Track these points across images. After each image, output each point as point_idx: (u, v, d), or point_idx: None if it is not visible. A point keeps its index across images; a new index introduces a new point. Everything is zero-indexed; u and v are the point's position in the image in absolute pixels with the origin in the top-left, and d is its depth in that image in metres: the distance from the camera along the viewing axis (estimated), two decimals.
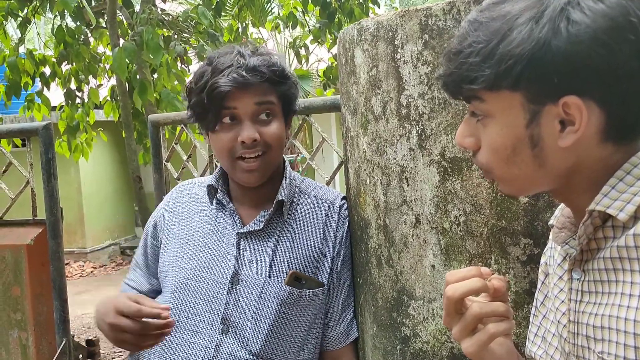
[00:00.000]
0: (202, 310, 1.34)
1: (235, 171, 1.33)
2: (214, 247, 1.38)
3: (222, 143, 1.31)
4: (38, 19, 5.66)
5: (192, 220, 1.44)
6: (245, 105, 1.29)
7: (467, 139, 0.83)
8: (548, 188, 0.83)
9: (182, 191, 1.51)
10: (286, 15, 6.11)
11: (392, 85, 1.40)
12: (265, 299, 1.33)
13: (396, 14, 1.39)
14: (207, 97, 1.27)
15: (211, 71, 1.29)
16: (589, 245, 0.80)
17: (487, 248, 1.33)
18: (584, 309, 0.80)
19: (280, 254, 1.38)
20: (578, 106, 0.73)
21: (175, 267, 1.40)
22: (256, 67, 1.30)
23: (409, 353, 1.46)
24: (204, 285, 1.35)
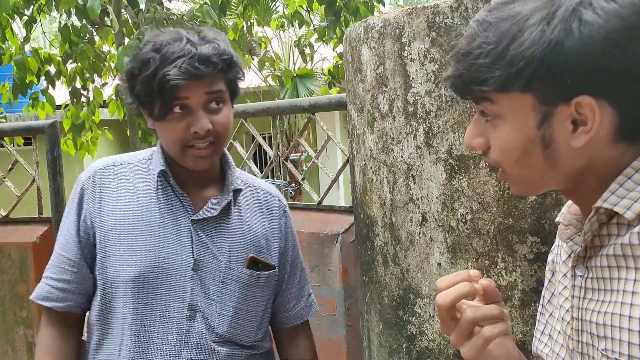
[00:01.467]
0: (168, 299, 1.34)
1: (185, 158, 1.32)
2: (168, 235, 1.36)
3: (173, 133, 1.30)
4: (43, 17, 5.68)
5: (131, 208, 1.36)
6: (197, 96, 1.29)
7: (476, 139, 0.82)
8: (558, 188, 0.83)
9: (104, 176, 1.39)
10: (291, 14, 6.11)
11: (399, 82, 1.40)
12: (228, 283, 1.38)
13: (403, 11, 1.38)
14: (158, 87, 1.26)
15: (160, 60, 1.26)
16: (593, 242, 0.80)
17: (494, 246, 1.32)
18: (587, 306, 0.79)
19: (237, 239, 1.41)
20: (591, 106, 0.72)
21: (129, 260, 1.34)
22: (208, 57, 1.28)
23: (415, 351, 1.46)
24: (166, 274, 1.34)
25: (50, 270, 1.39)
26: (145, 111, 1.34)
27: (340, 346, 1.93)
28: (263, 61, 6.25)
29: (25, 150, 4.41)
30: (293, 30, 7.16)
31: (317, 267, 1.96)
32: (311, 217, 2.02)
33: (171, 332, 1.34)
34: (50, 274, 1.38)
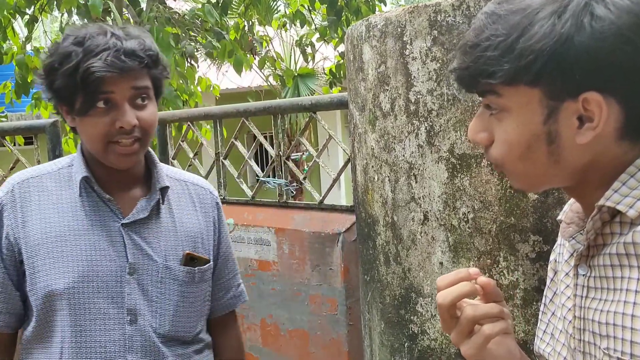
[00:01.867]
0: (106, 307, 1.32)
1: (109, 155, 1.29)
2: (99, 242, 1.32)
3: (96, 128, 1.26)
4: (45, 17, 5.68)
5: (57, 219, 1.32)
6: (122, 90, 1.26)
7: (480, 134, 0.81)
8: (561, 185, 0.82)
9: (24, 189, 1.34)
10: (292, 14, 6.11)
11: (401, 81, 1.40)
12: (166, 283, 1.37)
13: (405, 10, 1.38)
14: (82, 80, 1.22)
15: (83, 53, 1.23)
16: (595, 240, 0.80)
17: (496, 245, 1.32)
18: (590, 304, 0.79)
19: (171, 237, 1.40)
20: (598, 102, 0.72)
21: (60, 272, 1.30)
22: (134, 51, 1.26)
23: (416, 350, 1.45)
24: (101, 282, 1.32)
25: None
26: (65, 107, 1.30)
27: (341, 345, 1.92)
28: (263, 60, 6.25)
29: (26, 149, 4.41)
30: (294, 29, 7.16)
31: (318, 267, 1.95)
32: (312, 217, 2.02)
33: (113, 339, 1.32)
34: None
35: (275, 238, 2.08)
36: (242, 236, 2.20)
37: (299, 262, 2.01)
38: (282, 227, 2.07)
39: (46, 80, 1.28)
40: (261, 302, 2.16)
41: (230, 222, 2.24)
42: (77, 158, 1.36)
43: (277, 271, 2.09)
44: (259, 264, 2.15)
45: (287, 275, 2.05)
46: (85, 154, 1.35)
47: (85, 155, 1.35)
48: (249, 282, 2.20)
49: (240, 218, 2.23)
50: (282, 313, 2.09)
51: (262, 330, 2.17)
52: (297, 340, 2.05)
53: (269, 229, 2.11)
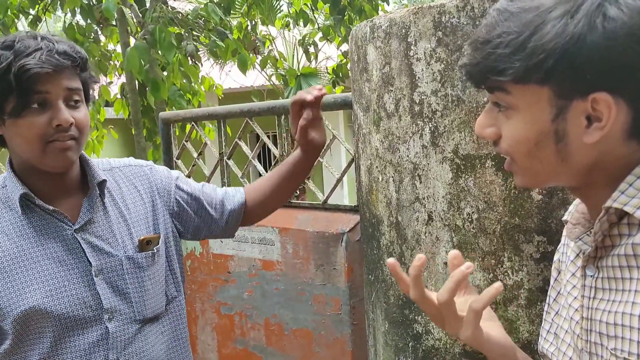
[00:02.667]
0: (83, 313, 1.32)
1: (47, 155, 1.27)
2: (57, 255, 1.31)
3: (33, 129, 1.24)
4: (49, 16, 5.69)
5: (8, 243, 1.29)
6: (57, 90, 1.25)
7: (487, 129, 0.82)
8: (566, 183, 0.83)
9: None
10: (296, 13, 6.11)
11: (405, 82, 1.40)
12: (131, 273, 1.39)
13: (409, 11, 1.38)
14: (16, 80, 1.20)
15: (14, 54, 1.21)
16: (603, 242, 0.80)
17: (500, 245, 1.32)
18: (597, 305, 0.79)
19: (122, 229, 1.40)
20: (607, 103, 0.72)
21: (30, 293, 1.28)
22: (66, 51, 1.26)
23: (421, 350, 1.46)
24: (73, 291, 1.31)
25: None
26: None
27: (345, 345, 1.93)
28: (265, 60, 6.25)
29: None
30: (297, 29, 7.16)
31: (322, 266, 1.96)
32: (316, 216, 2.03)
33: (94, 341, 1.33)
34: None
35: (279, 238, 2.09)
36: (246, 236, 2.21)
37: (302, 261, 2.01)
38: (286, 227, 2.07)
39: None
40: (265, 301, 2.17)
41: None
42: (8, 177, 1.32)
43: (281, 271, 2.09)
44: (262, 263, 2.15)
45: (291, 275, 2.06)
46: (17, 168, 1.32)
47: (17, 170, 1.32)
48: (253, 281, 2.20)
49: None
50: (286, 312, 2.09)
51: (266, 330, 2.17)
52: (301, 340, 2.06)
53: (272, 228, 2.11)
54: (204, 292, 2.40)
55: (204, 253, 2.38)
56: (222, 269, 2.31)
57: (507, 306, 1.34)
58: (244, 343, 2.27)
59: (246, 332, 2.25)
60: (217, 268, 2.33)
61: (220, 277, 2.32)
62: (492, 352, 0.91)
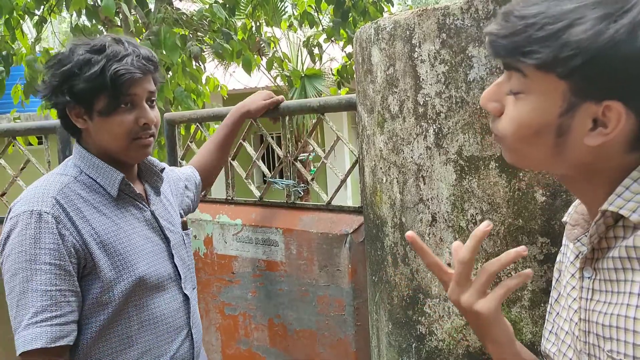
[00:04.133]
0: (167, 283, 1.49)
1: (130, 150, 1.43)
2: (142, 232, 1.47)
3: (122, 126, 1.40)
4: (54, 17, 5.71)
5: (106, 221, 1.41)
6: (142, 92, 1.41)
7: (492, 103, 0.80)
8: (555, 173, 0.83)
9: (67, 198, 1.38)
10: (300, 14, 6.12)
11: (409, 84, 1.41)
12: (187, 247, 1.61)
13: (413, 13, 1.39)
14: (111, 82, 1.35)
15: (106, 58, 1.36)
16: (600, 244, 0.80)
17: (504, 247, 1.33)
18: (595, 307, 0.80)
19: (171, 210, 1.61)
20: (619, 112, 0.71)
21: (136, 264, 1.42)
22: (149, 57, 1.43)
23: (424, 351, 1.46)
24: (160, 265, 1.48)
25: (49, 312, 1.29)
26: (81, 110, 1.39)
27: (348, 346, 1.93)
28: (271, 61, 6.27)
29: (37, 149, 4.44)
30: (302, 30, 7.17)
31: (325, 267, 1.96)
32: (320, 217, 2.03)
33: (177, 308, 1.50)
34: (51, 314, 1.29)
35: (283, 239, 2.09)
36: (250, 237, 2.21)
37: (306, 262, 2.01)
38: (289, 228, 2.07)
39: (63, 86, 1.38)
40: (269, 302, 2.17)
41: (238, 222, 2.25)
42: (87, 163, 1.45)
43: (284, 272, 2.09)
44: (266, 264, 2.16)
45: (294, 275, 2.06)
46: (97, 156, 1.44)
47: (90, 157, 1.44)
48: (257, 282, 2.20)
49: (248, 218, 2.24)
50: (289, 313, 2.10)
51: (270, 331, 2.18)
52: (305, 341, 2.06)
53: (276, 229, 2.11)
54: (207, 293, 2.40)
55: (208, 254, 2.38)
56: (226, 270, 2.31)
57: (511, 307, 1.34)
58: (247, 343, 2.27)
59: (250, 333, 2.25)
60: (221, 268, 2.33)
61: (224, 278, 2.32)
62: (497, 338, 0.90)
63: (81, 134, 1.45)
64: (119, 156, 1.44)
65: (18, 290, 1.29)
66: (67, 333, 1.30)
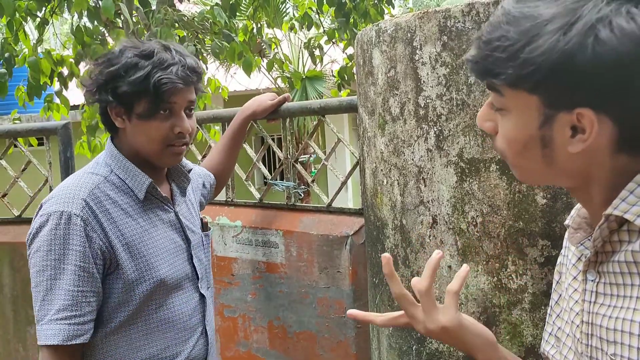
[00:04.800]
0: (185, 283, 1.53)
1: (163, 156, 1.47)
2: (166, 234, 1.51)
3: (159, 131, 1.43)
4: (56, 19, 5.72)
5: (133, 223, 1.45)
6: (182, 101, 1.44)
7: (486, 122, 0.86)
8: (561, 185, 0.86)
9: (96, 200, 1.42)
10: (301, 16, 6.13)
11: (410, 86, 1.41)
12: (206, 248, 1.63)
13: (415, 15, 1.39)
14: (154, 89, 1.38)
15: (153, 65, 1.39)
16: (603, 247, 0.80)
17: (504, 249, 1.33)
18: (598, 310, 0.80)
19: (193, 211, 1.64)
20: (590, 119, 0.74)
21: (159, 265, 1.46)
22: (194, 68, 1.45)
23: (424, 353, 1.46)
24: (181, 266, 1.51)
25: (69, 311, 1.35)
26: (120, 110, 1.43)
27: (349, 348, 1.93)
28: (271, 63, 6.27)
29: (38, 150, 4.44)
30: (303, 32, 7.17)
31: (326, 269, 1.96)
32: (321, 219, 2.03)
33: (192, 308, 1.54)
34: (71, 313, 1.35)
35: (283, 240, 2.09)
36: (250, 238, 2.21)
37: (307, 264, 2.01)
38: (290, 230, 2.07)
39: (108, 85, 1.42)
40: (269, 304, 2.17)
41: (238, 224, 2.25)
42: (118, 164, 1.48)
43: (284, 273, 2.09)
44: (266, 266, 2.15)
45: (294, 277, 2.06)
46: (129, 156, 1.47)
47: (128, 158, 1.47)
48: (257, 284, 2.20)
49: (248, 220, 2.24)
50: (289, 315, 2.09)
51: (270, 333, 2.17)
52: (305, 343, 2.06)
53: (276, 231, 2.11)
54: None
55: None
56: (226, 272, 2.31)
57: (511, 310, 1.34)
58: (247, 346, 2.27)
59: (249, 335, 2.25)
60: (221, 270, 2.33)
61: (223, 280, 2.32)
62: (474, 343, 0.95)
63: (117, 132, 1.49)
64: (151, 159, 1.48)
65: (44, 287, 1.37)
66: (83, 332, 1.37)
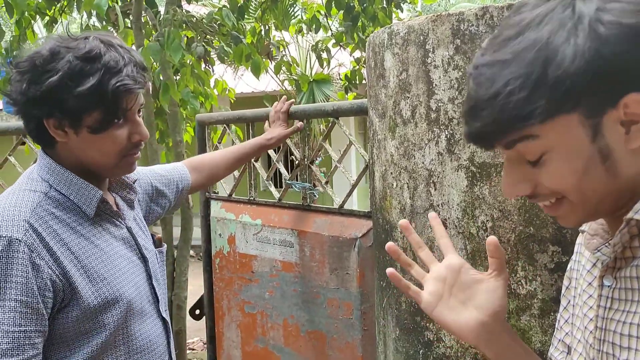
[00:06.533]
0: (147, 307, 1.38)
1: (117, 168, 1.30)
2: (122, 252, 1.34)
3: (116, 143, 1.24)
4: (65, 18, 5.74)
5: (84, 242, 1.26)
6: (136, 105, 1.27)
7: (521, 185, 0.78)
8: (617, 202, 0.78)
9: (41, 221, 1.21)
10: (309, 19, 6.13)
11: (422, 89, 1.41)
12: (162, 266, 1.48)
13: (428, 18, 1.39)
14: (112, 96, 1.19)
15: (104, 68, 1.18)
16: (623, 253, 0.80)
17: (514, 254, 1.32)
18: (613, 316, 0.79)
19: (143, 227, 1.48)
20: (638, 101, 0.71)
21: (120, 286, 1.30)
22: (143, 64, 1.27)
23: (431, 357, 1.45)
24: (141, 287, 1.36)
25: (9, 356, 1.13)
26: (64, 123, 1.21)
27: (355, 350, 1.93)
28: (279, 65, 6.28)
29: None
30: (311, 35, 7.18)
31: (336, 270, 1.97)
32: (332, 221, 2.04)
33: (157, 331, 1.40)
34: (13, 359, 1.13)
35: (298, 240, 2.12)
36: (269, 237, 2.25)
37: (318, 265, 2.03)
38: (304, 230, 2.10)
39: (48, 98, 1.18)
40: (284, 302, 2.20)
41: (258, 222, 2.28)
42: (55, 178, 1.27)
43: (298, 273, 2.12)
44: (282, 265, 2.19)
45: (307, 277, 2.08)
46: (70, 169, 1.28)
47: (70, 170, 1.28)
48: (273, 282, 2.24)
49: (268, 219, 2.28)
50: (302, 314, 2.12)
51: (284, 330, 2.21)
52: (315, 342, 2.08)
53: (292, 231, 2.14)
54: (230, 290, 2.46)
55: (231, 252, 2.44)
56: (247, 268, 2.36)
57: (520, 316, 1.33)
58: (264, 342, 2.31)
59: (266, 331, 2.30)
60: (242, 267, 2.38)
61: (244, 276, 2.37)
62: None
63: (55, 145, 1.26)
64: (100, 172, 1.30)
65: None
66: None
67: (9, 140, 8.18)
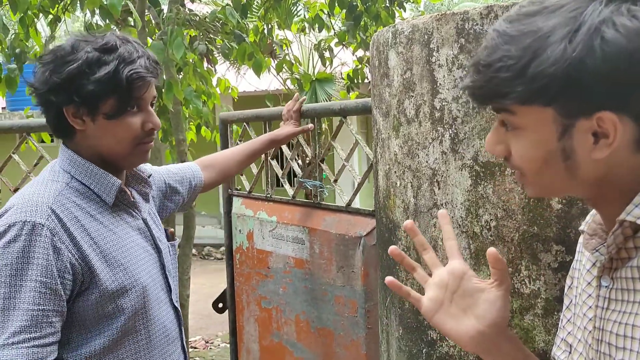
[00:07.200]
0: (161, 295, 1.45)
1: (132, 156, 1.37)
2: (138, 241, 1.42)
3: (129, 130, 1.33)
4: (68, 16, 5.75)
5: (103, 230, 1.34)
6: (149, 95, 1.36)
7: (497, 146, 0.84)
8: (579, 195, 0.84)
9: (62, 207, 1.28)
10: (312, 18, 6.13)
11: (426, 88, 1.41)
12: (174, 259, 1.55)
13: (432, 17, 1.39)
14: (127, 83, 1.28)
15: (119, 59, 1.28)
16: (618, 254, 0.80)
17: (518, 254, 1.32)
18: (610, 316, 0.80)
19: (157, 220, 1.55)
20: (612, 121, 0.73)
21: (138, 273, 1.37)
22: (156, 59, 1.38)
23: (435, 357, 1.46)
24: (155, 273, 1.44)
25: (28, 332, 1.20)
26: (82, 110, 1.30)
27: (360, 347, 1.94)
28: (281, 64, 6.28)
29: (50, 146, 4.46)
30: (313, 34, 7.18)
31: (342, 268, 1.99)
32: (340, 219, 2.07)
33: (171, 319, 1.48)
34: (31, 335, 1.20)
35: (308, 237, 2.15)
36: (282, 234, 2.30)
37: (327, 262, 2.06)
38: (314, 228, 2.14)
39: (68, 85, 1.28)
40: (296, 298, 2.24)
41: (274, 219, 2.33)
42: (76, 169, 1.35)
43: (309, 270, 2.16)
44: (295, 261, 2.23)
45: (317, 274, 2.12)
46: (90, 160, 1.35)
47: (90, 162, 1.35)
48: (287, 278, 2.28)
49: (282, 216, 2.32)
50: (312, 311, 2.16)
51: (297, 326, 2.26)
52: (324, 339, 2.12)
53: (303, 228, 2.18)
54: (248, 285, 2.51)
55: (250, 248, 2.49)
56: (263, 264, 2.41)
57: (524, 315, 1.33)
58: (279, 337, 2.37)
59: (281, 327, 2.36)
60: (260, 263, 2.43)
61: (261, 272, 2.42)
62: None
63: (73, 136, 1.35)
64: (117, 161, 1.37)
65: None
66: (45, 355, 1.21)
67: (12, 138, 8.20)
